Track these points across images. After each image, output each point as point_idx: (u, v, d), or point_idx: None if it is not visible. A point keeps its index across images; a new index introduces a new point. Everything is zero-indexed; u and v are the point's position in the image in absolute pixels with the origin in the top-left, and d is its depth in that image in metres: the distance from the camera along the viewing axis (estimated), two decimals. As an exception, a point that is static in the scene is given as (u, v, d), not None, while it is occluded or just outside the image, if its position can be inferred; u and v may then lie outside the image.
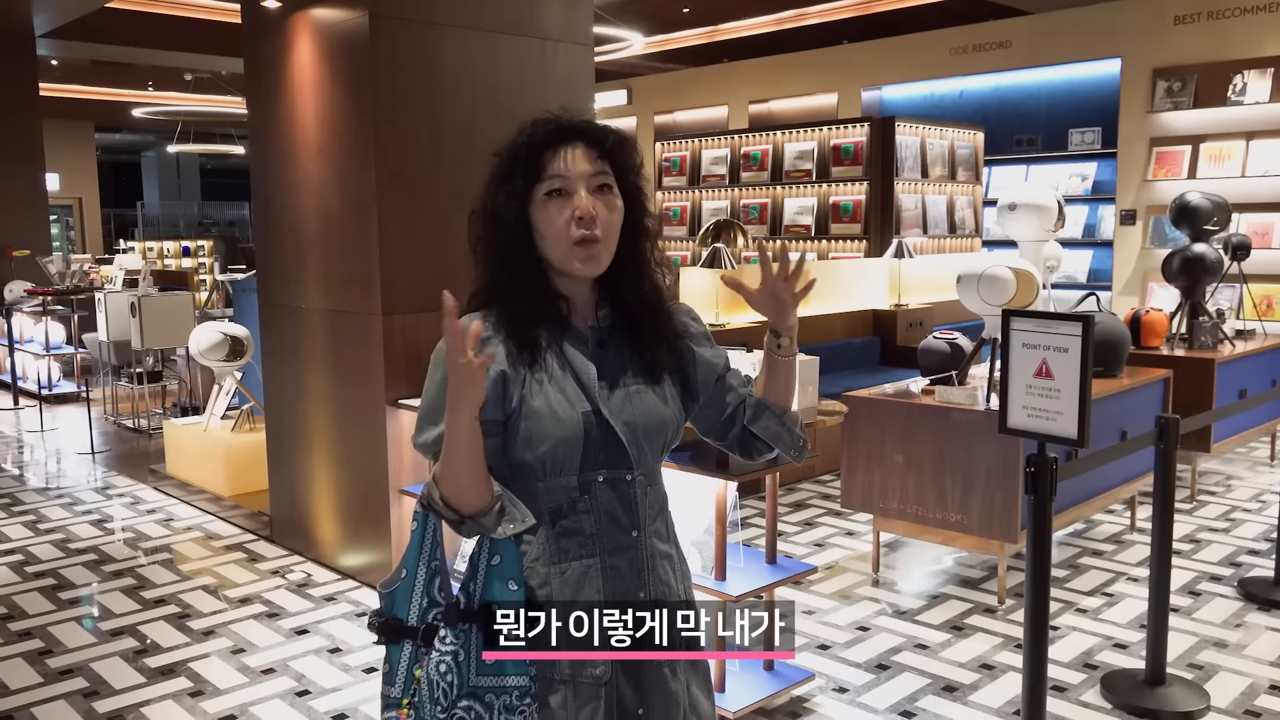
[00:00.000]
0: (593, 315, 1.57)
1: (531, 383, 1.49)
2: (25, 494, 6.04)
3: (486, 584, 1.48)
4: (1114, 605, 4.11)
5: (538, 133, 1.52)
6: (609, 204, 1.51)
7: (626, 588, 1.52)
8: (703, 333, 1.68)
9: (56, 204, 18.64)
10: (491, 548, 1.49)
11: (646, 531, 1.55)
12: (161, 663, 3.69)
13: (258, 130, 4.86)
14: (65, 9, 9.39)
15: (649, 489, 1.56)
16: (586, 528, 1.51)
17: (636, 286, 1.58)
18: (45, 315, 8.99)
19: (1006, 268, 4.16)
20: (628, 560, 1.52)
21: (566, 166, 1.49)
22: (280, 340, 4.87)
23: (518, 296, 1.52)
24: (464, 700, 1.45)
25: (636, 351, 1.57)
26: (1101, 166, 9.56)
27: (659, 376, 1.58)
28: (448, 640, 1.46)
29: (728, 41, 11.82)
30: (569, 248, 1.49)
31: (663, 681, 1.55)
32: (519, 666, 1.46)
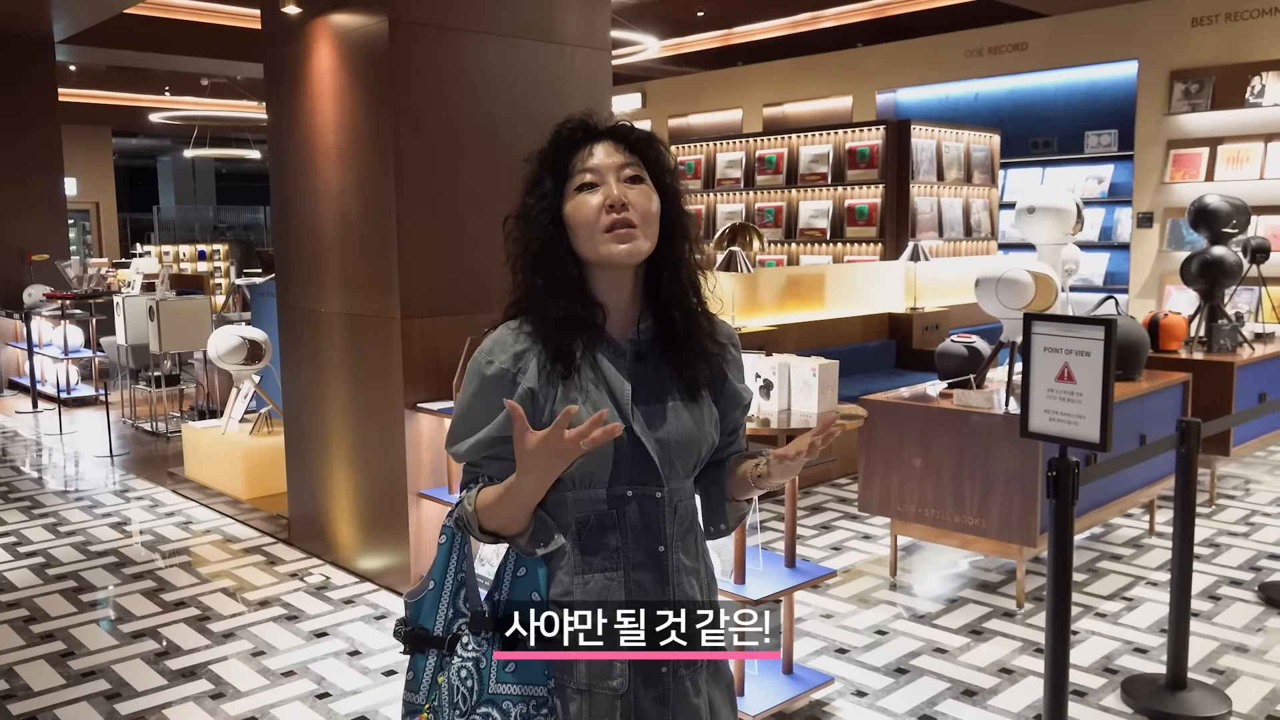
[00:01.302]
0: (634, 327, 1.55)
1: (564, 396, 1.48)
2: (45, 497, 6.09)
3: (511, 595, 1.51)
4: (1134, 609, 4.09)
5: (563, 132, 1.54)
6: (643, 193, 1.49)
7: (651, 601, 1.51)
8: (738, 361, 1.66)
9: (74, 208, 18.77)
10: (517, 561, 1.51)
11: (673, 547, 1.54)
12: (182, 665, 3.71)
13: (277, 135, 4.88)
14: (84, 15, 9.46)
15: (678, 505, 1.55)
16: (612, 541, 1.51)
17: (675, 287, 1.55)
18: (64, 319, 9.06)
19: (1025, 271, 4.15)
20: (652, 575, 1.52)
21: (595, 159, 1.50)
22: (299, 344, 4.90)
23: (552, 301, 1.50)
24: (482, 707, 1.46)
25: (675, 367, 1.55)
26: (1118, 169, 9.52)
27: (697, 394, 1.56)
28: (470, 647, 1.48)
29: (742, 45, 11.82)
30: (600, 235, 1.47)
31: (685, 696, 1.54)
32: (537, 676, 1.47)
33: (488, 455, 1.51)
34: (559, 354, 1.49)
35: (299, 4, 4.52)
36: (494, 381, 1.51)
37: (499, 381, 1.50)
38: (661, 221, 1.52)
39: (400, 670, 3.62)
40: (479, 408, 1.52)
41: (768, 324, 6.49)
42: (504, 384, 1.50)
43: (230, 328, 6.11)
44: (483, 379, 1.52)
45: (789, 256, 8.62)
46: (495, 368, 1.51)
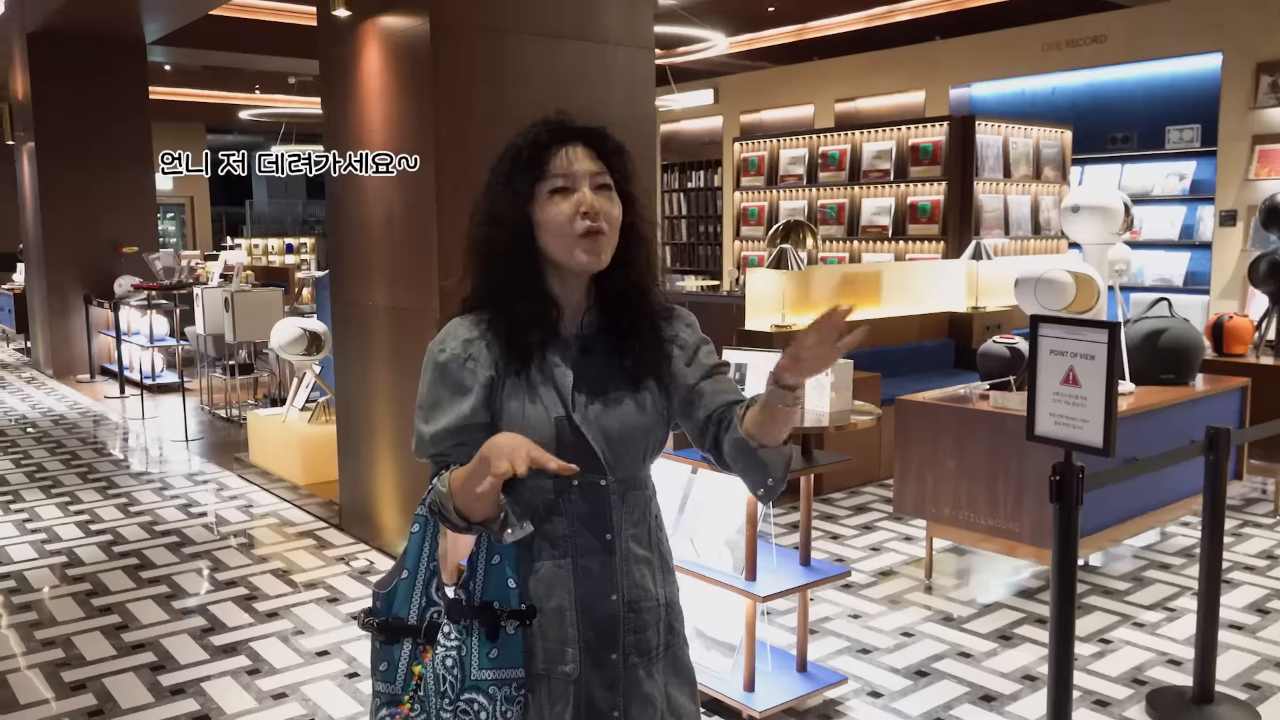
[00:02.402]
0: (580, 320, 1.59)
1: (511, 387, 1.53)
2: (121, 478, 6.39)
3: (486, 582, 1.53)
4: (1174, 621, 3.98)
5: (540, 132, 1.55)
6: (610, 201, 1.53)
7: (598, 589, 1.55)
8: (695, 341, 1.66)
9: (170, 203, 19.59)
10: (490, 548, 1.54)
11: (623, 536, 1.57)
12: (225, 641, 3.88)
13: (331, 133, 5.05)
14: (173, 17, 9.86)
15: (627, 494, 1.58)
16: (559, 529, 1.54)
17: (624, 287, 1.58)
18: (150, 309, 9.47)
19: (1066, 271, 4.07)
20: (600, 563, 1.55)
21: (570, 164, 1.52)
22: (349, 336, 5.06)
23: (512, 299, 1.54)
24: (467, 693, 1.49)
25: (619, 359, 1.58)
26: (1201, 165, 9.19)
27: (640, 383, 1.59)
28: (451, 636, 1.50)
29: (816, 39, 11.72)
30: (573, 240, 1.50)
31: (637, 683, 1.58)
32: (516, 660, 1.51)
33: (457, 443, 1.53)
34: (515, 350, 1.53)
35: (348, 7, 4.66)
36: (447, 367, 1.54)
37: (452, 366, 1.54)
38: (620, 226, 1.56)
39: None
40: (437, 394, 1.55)
41: (820, 322, 6.45)
42: (457, 369, 1.53)
43: (292, 319, 6.33)
44: (436, 365, 1.56)
45: (850, 254, 8.54)
46: (447, 354, 1.55)
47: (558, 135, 1.55)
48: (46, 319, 10.64)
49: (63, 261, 10.42)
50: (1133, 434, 4.08)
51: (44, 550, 4.98)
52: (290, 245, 18.87)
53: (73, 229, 10.35)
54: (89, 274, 10.42)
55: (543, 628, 1.54)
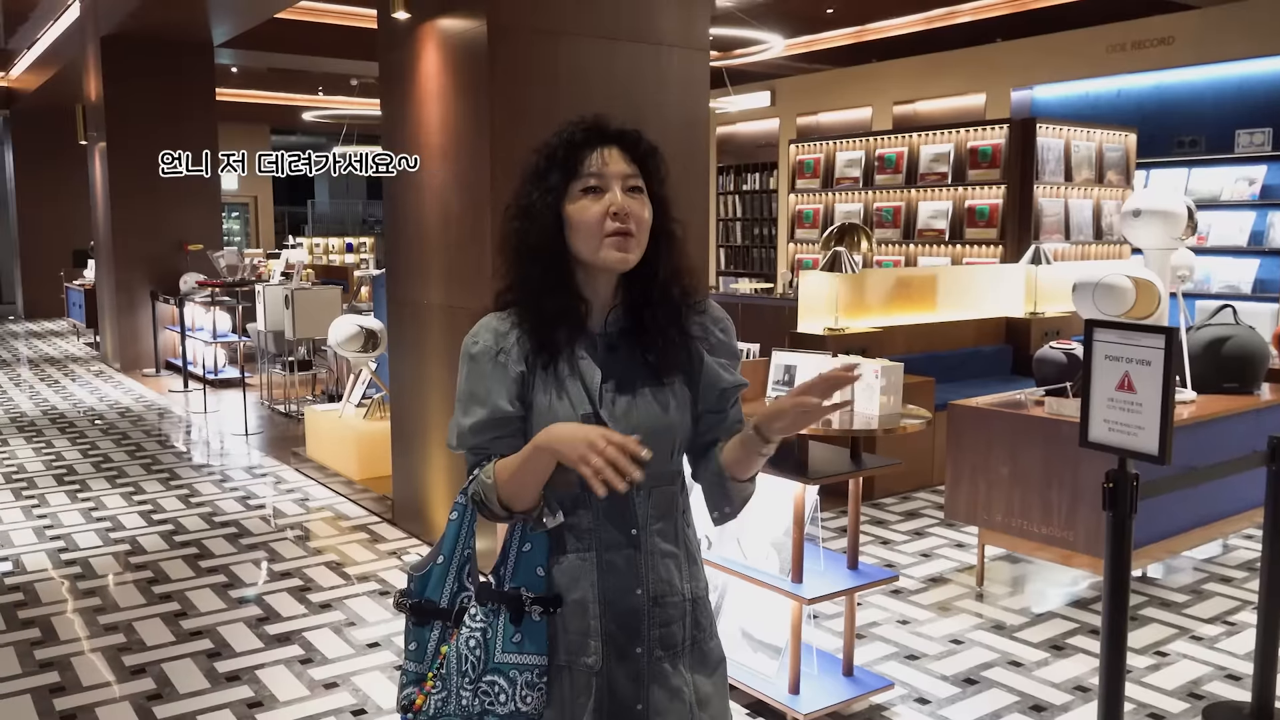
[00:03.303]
0: (605, 319, 1.61)
1: (540, 383, 1.55)
2: (184, 470, 6.55)
3: (516, 569, 1.56)
4: (1234, 635, 3.89)
5: (576, 132, 1.57)
6: (640, 204, 1.55)
7: (623, 583, 1.57)
8: (724, 343, 1.67)
9: (235, 202, 20.03)
10: (522, 536, 1.57)
11: (648, 531, 1.58)
12: (279, 630, 3.97)
13: (389, 134, 5.13)
14: (239, 20, 10.09)
15: (654, 490, 1.58)
16: (584, 523, 1.56)
17: (650, 286, 1.60)
18: (213, 305, 9.69)
19: (1125, 276, 3.99)
20: (624, 557, 1.57)
21: (603, 164, 1.54)
22: (404, 333, 5.14)
23: (541, 295, 1.56)
24: (489, 675, 1.53)
25: (644, 356, 1.59)
26: (1272, 170, 8.94)
27: (666, 379, 1.60)
28: (478, 618, 1.55)
29: (875, 41, 11.62)
30: (601, 240, 1.53)
31: (663, 677, 1.58)
32: (538, 646, 1.54)
33: (494, 436, 1.56)
34: (544, 345, 1.55)
35: (408, 9, 4.74)
36: (479, 361, 1.57)
37: (484, 359, 1.56)
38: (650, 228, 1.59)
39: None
40: (472, 387, 1.57)
41: (874, 325, 6.40)
42: (491, 360, 1.56)
43: (349, 317, 6.44)
44: (469, 358, 1.58)
45: (906, 257, 8.46)
46: (479, 347, 1.58)
47: (593, 136, 1.57)
48: (115, 314, 10.94)
49: (131, 258, 10.71)
50: (1193, 443, 4.00)
51: (108, 538, 5.13)
52: (350, 244, 19.17)
53: (141, 227, 10.64)
54: (156, 271, 10.70)
55: (565, 619, 1.56)
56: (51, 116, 15.35)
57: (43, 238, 16.72)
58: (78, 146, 12.33)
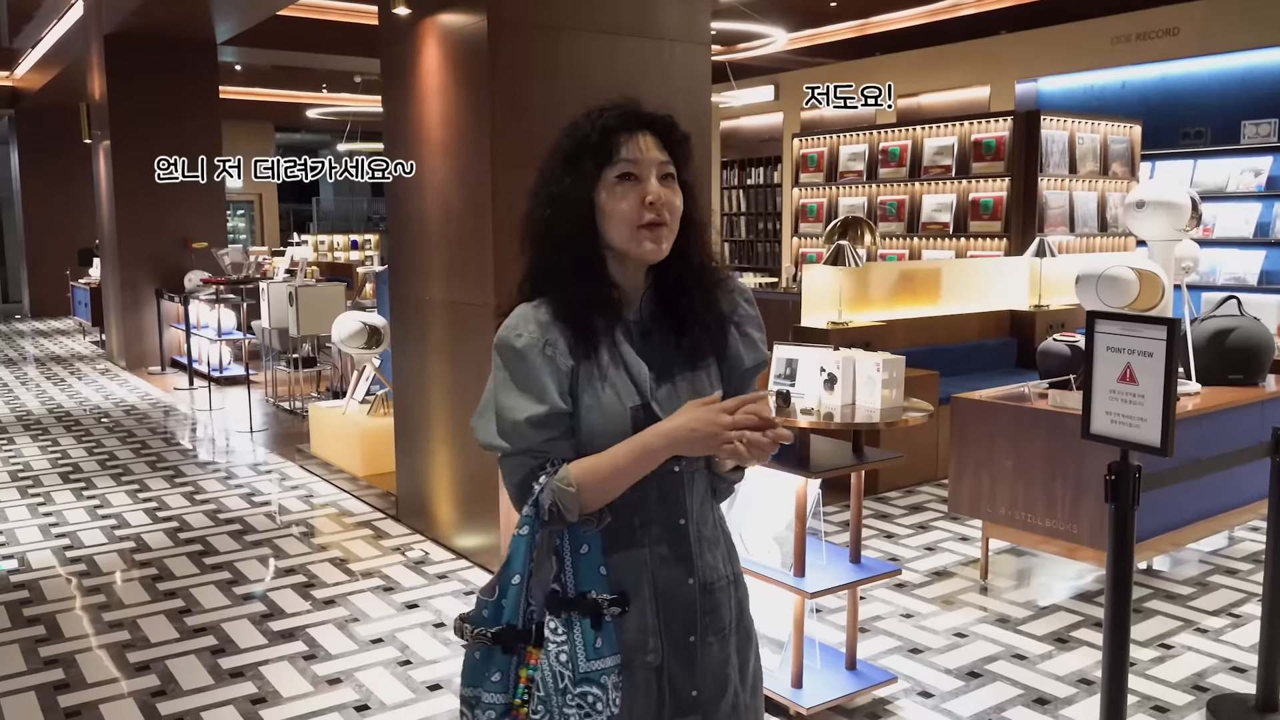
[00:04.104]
0: (637, 306, 1.58)
1: (584, 375, 1.50)
2: (188, 467, 6.57)
3: (577, 573, 1.50)
4: (1239, 627, 3.87)
5: (610, 117, 1.52)
6: (674, 191, 1.52)
7: (675, 575, 1.54)
8: (751, 315, 1.66)
9: (240, 200, 20.05)
10: (576, 540, 1.50)
11: (693, 520, 1.56)
12: (283, 627, 3.97)
13: (391, 130, 5.13)
14: (242, 17, 10.10)
15: (695, 477, 1.56)
16: (636, 518, 1.52)
17: (683, 274, 1.57)
18: (218, 303, 9.71)
19: (1129, 268, 3.98)
20: (675, 548, 1.54)
21: (640, 152, 1.50)
22: (407, 330, 5.14)
23: (576, 282, 1.51)
24: (581, 686, 1.47)
25: (677, 338, 1.57)
26: (1278, 161, 8.90)
27: (700, 361, 1.58)
28: (558, 631, 1.48)
29: (878, 34, 11.59)
30: (634, 230, 1.49)
31: (711, 660, 1.57)
32: (613, 646, 1.49)
33: (551, 436, 1.48)
34: (582, 335, 1.50)
35: (408, 5, 4.73)
36: (526, 354, 1.49)
37: (532, 352, 1.48)
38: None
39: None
40: (519, 381, 1.49)
41: (877, 319, 6.39)
42: (539, 354, 1.48)
43: (352, 313, 6.44)
44: (514, 351, 1.49)
45: (910, 251, 8.44)
46: (525, 339, 1.49)
47: (629, 120, 1.52)
48: (120, 312, 10.97)
49: (136, 257, 10.73)
50: (1197, 435, 3.99)
51: (113, 535, 5.14)
52: (355, 241, 19.16)
53: (146, 225, 10.66)
54: (161, 269, 10.73)
55: (623, 618, 1.51)
56: (56, 115, 15.38)
57: (48, 237, 16.77)
58: (82, 145, 12.35)
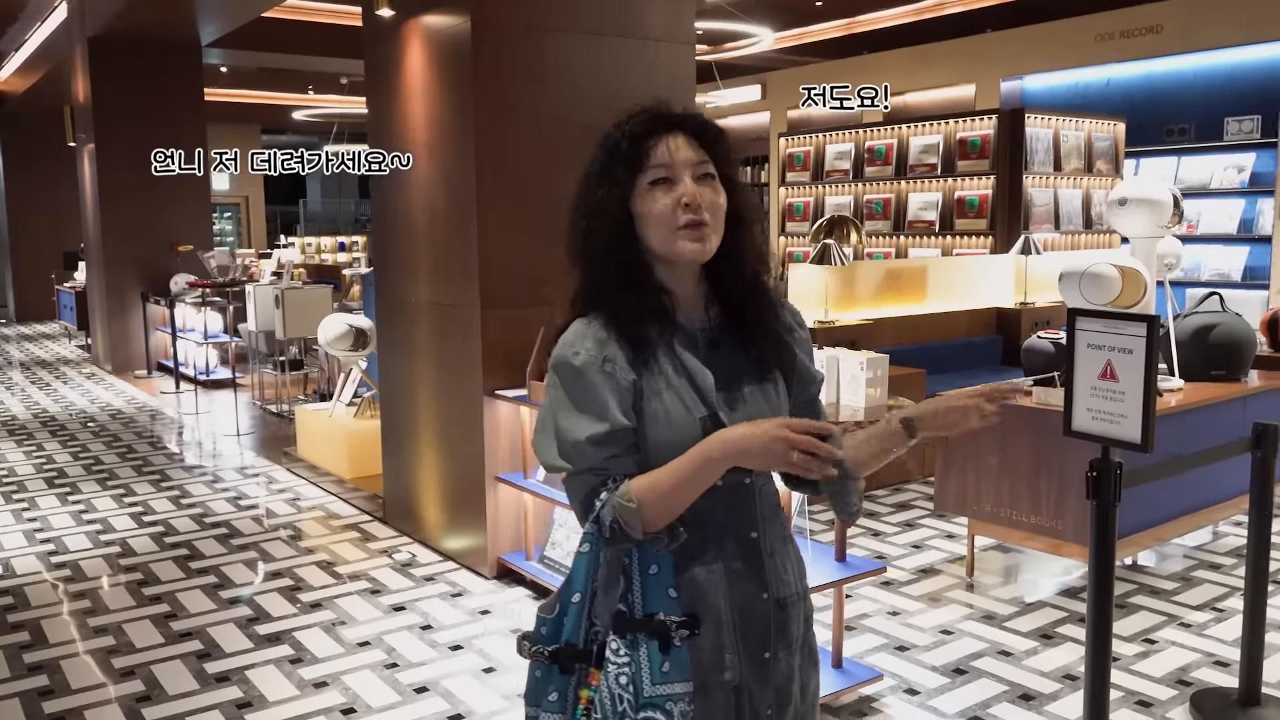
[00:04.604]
0: (702, 315, 1.55)
1: (648, 388, 1.47)
2: (175, 471, 6.54)
3: (645, 594, 1.46)
4: (1223, 621, 3.90)
5: (638, 123, 1.50)
6: (714, 190, 1.49)
7: (750, 590, 1.51)
8: (806, 339, 1.65)
9: (226, 202, 19.99)
10: (645, 559, 1.47)
11: (765, 533, 1.53)
12: (269, 630, 3.96)
13: (376, 132, 5.12)
14: (226, 19, 10.06)
15: (763, 488, 1.54)
16: (709, 533, 1.49)
17: (738, 275, 1.55)
18: (204, 306, 9.67)
19: (1111, 265, 4.00)
20: (748, 563, 1.51)
21: (670, 155, 1.48)
22: (393, 332, 5.13)
23: (625, 291, 1.49)
24: (643, 712, 1.43)
25: (747, 352, 1.54)
26: (1261, 157, 8.96)
27: (768, 374, 1.56)
28: (621, 652, 1.44)
29: (865, 33, 11.62)
30: (673, 232, 1.47)
31: (781, 676, 1.55)
32: (684, 672, 1.44)
33: (613, 454, 1.45)
34: (636, 344, 1.47)
35: (392, 6, 4.72)
36: (586, 372, 1.46)
37: (591, 370, 1.46)
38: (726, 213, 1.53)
39: (467, 645, 3.77)
40: (579, 400, 1.46)
41: (863, 318, 6.41)
42: (599, 371, 1.46)
43: (338, 315, 6.43)
44: (573, 370, 1.47)
45: (897, 249, 8.46)
46: (583, 357, 1.47)
47: (658, 125, 1.50)
48: (106, 316, 10.91)
49: (121, 260, 10.68)
50: (1180, 431, 4.01)
51: (99, 540, 5.12)
52: (343, 244, 19.14)
53: (131, 228, 10.60)
54: (146, 272, 10.67)
55: (700, 637, 1.47)
56: (40, 118, 15.30)
57: (33, 240, 16.67)
58: (67, 148, 12.28)
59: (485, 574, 4.47)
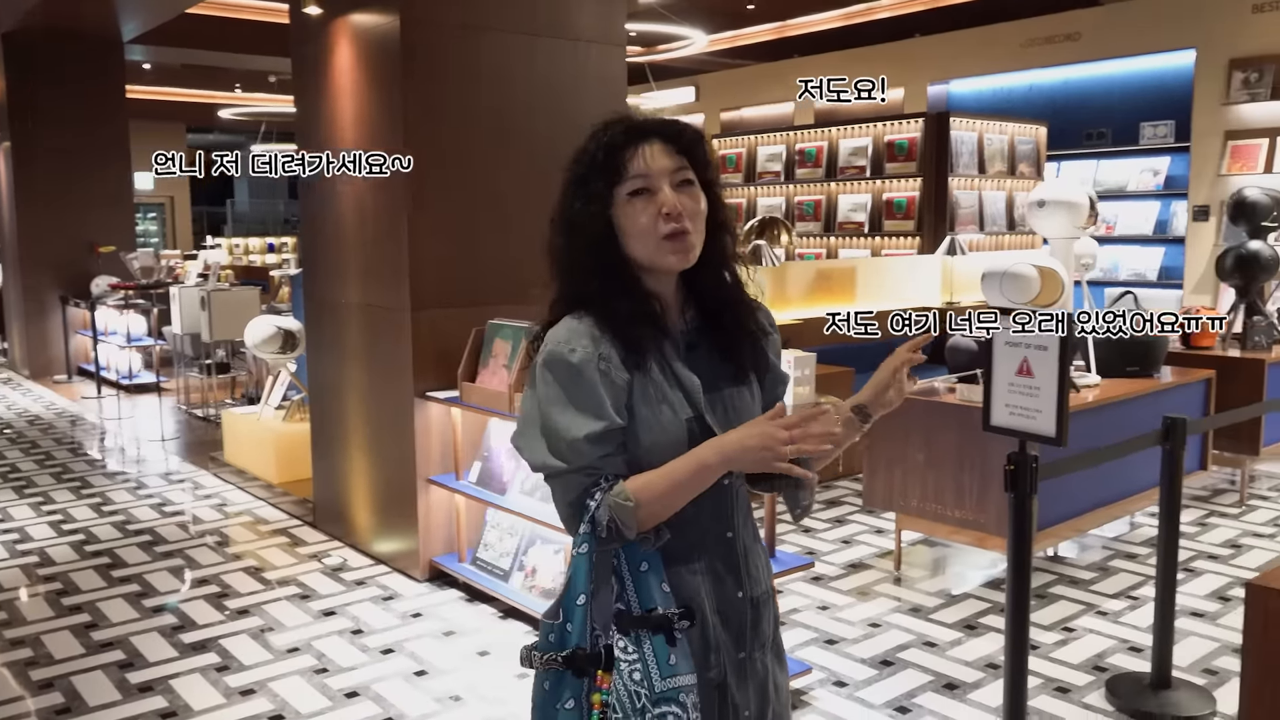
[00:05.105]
0: (679, 318, 1.55)
1: (639, 390, 1.47)
2: (95, 478, 6.38)
3: (639, 591, 1.45)
4: (1137, 609, 4.03)
5: (613, 133, 1.49)
6: (693, 197, 1.49)
7: (728, 588, 1.53)
8: (778, 342, 1.67)
9: (150, 202, 19.49)
10: (634, 557, 1.46)
11: (740, 533, 1.55)
12: (195, 638, 3.89)
13: (304, 130, 5.05)
14: (149, 15, 9.83)
15: (739, 489, 1.56)
16: (690, 533, 1.50)
17: (717, 281, 1.56)
18: (127, 309, 9.43)
19: (1031, 265, 4.11)
20: (726, 562, 1.53)
21: (647, 164, 1.47)
22: (323, 334, 5.06)
23: (613, 299, 1.49)
24: (660, 706, 1.42)
25: (723, 352, 1.55)
26: (1175, 161, 9.27)
27: (746, 376, 1.57)
28: (629, 650, 1.43)
29: (797, 37, 11.76)
30: (657, 243, 1.46)
31: (758, 675, 1.57)
32: (689, 663, 1.45)
33: (606, 453, 1.45)
34: (631, 346, 1.47)
35: (319, 4, 4.67)
36: (583, 370, 1.45)
37: (588, 368, 1.45)
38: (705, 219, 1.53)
39: (398, 649, 3.74)
40: (575, 398, 1.45)
41: (795, 317, 6.48)
42: (593, 370, 1.45)
43: (266, 317, 6.32)
44: (569, 367, 1.45)
45: (827, 250, 8.58)
46: (580, 354, 1.45)
47: (633, 134, 1.49)
48: (23, 320, 10.59)
49: (39, 262, 10.37)
50: (1096, 425, 4.14)
51: (15, 550, 4.97)
52: (272, 245, 18.82)
53: (49, 229, 10.29)
54: (65, 275, 10.37)
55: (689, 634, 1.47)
56: (-48, 116, 14.78)
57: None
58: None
59: (417, 577, 4.44)
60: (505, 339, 4.14)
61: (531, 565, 4.03)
